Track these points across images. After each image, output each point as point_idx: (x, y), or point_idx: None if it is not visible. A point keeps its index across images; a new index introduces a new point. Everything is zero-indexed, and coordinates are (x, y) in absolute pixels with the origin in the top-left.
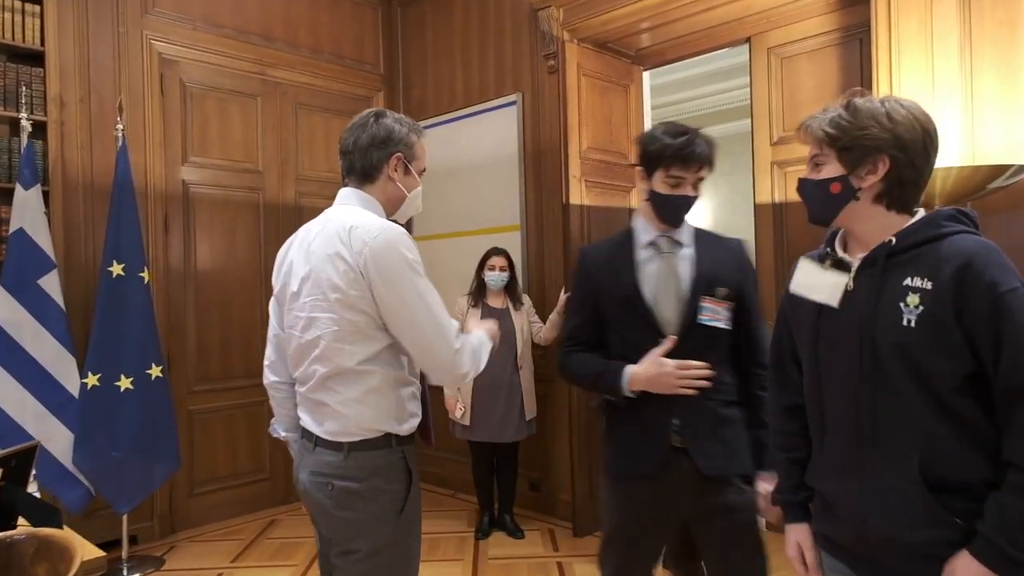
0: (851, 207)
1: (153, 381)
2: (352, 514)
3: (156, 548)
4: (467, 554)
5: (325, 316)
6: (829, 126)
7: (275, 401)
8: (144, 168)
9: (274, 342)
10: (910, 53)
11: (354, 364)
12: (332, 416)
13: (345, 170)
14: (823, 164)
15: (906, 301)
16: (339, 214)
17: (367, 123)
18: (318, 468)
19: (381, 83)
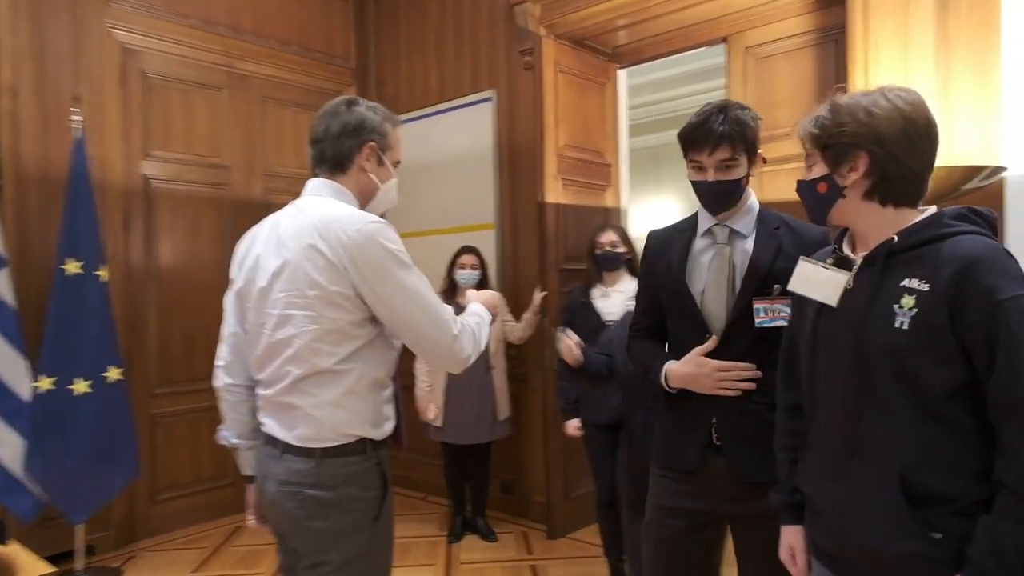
0: (841, 205)
1: (111, 384)
2: (324, 524)
3: (114, 559)
4: (439, 559)
5: (301, 314)
6: (813, 126)
7: (228, 405)
8: (102, 161)
9: (231, 342)
10: (886, 54)
11: (331, 364)
12: (304, 420)
13: (315, 160)
14: (813, 164)
15: (900, 302)
16: (313, 205)
17: (338, 110)
18: (287, 476)
19: (352, 77)
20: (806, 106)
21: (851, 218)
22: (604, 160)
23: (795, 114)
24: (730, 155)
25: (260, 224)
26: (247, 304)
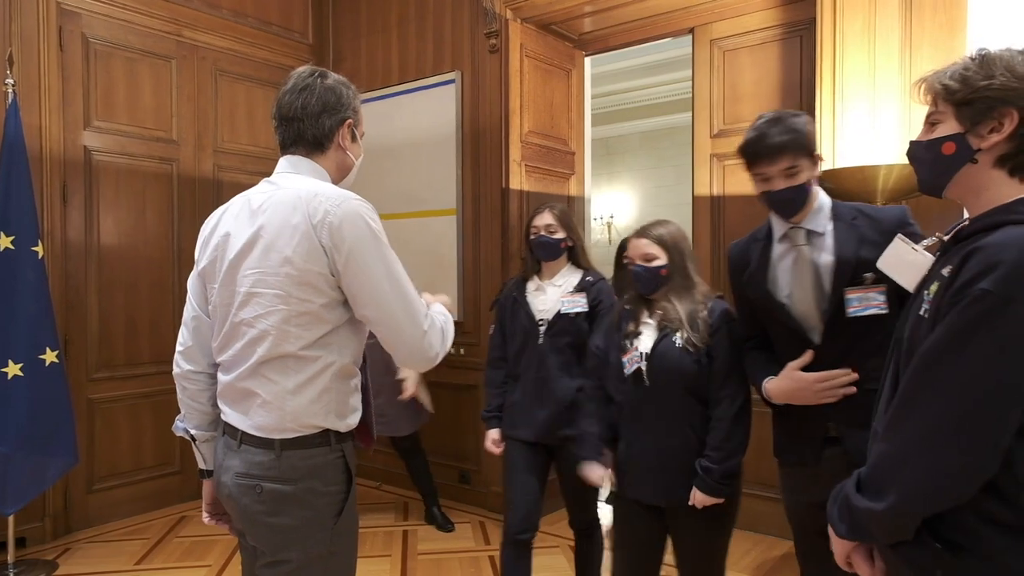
0: (967, 172)
1: (47, 367)
2: (284, 520)
3: (48, 551)
4: (395, 549)
5: (270, 292)
6: (950, 78)
7: (186, 394)
8: (39, 130)
9: (192, 325)
10: (853, 51)
11: (297, 349)
12: (263, 408)
13: (290, 138)
14: (939, 123)
15: (929, 289)
16: (291, 182)
17: (313, 85)
18: (245, 469)
19: (309, 53)
20: (770, 100)
21: (973, 189)
22: (568, 148)
23: (759, 108)
24: (792, 163)
25: (229, 202)
26: (212, 284)
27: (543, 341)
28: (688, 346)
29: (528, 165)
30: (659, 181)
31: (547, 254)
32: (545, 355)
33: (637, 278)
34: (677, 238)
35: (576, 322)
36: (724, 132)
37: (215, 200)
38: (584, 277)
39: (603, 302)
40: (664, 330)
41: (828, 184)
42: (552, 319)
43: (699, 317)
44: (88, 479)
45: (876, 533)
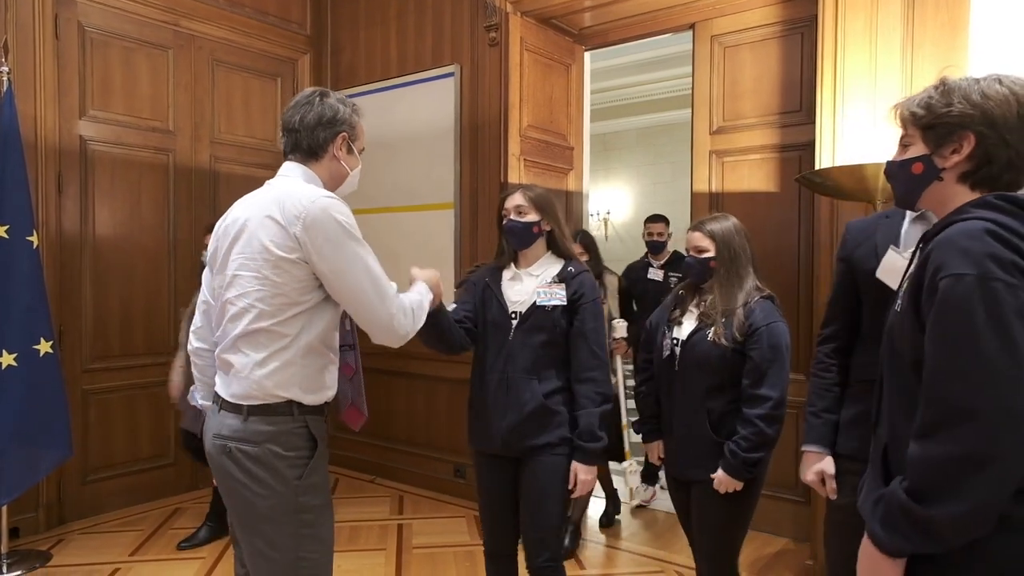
0: (934, 188)
1: (41, 358)
2: (250, 480)
3: (41, 541)
4: (390, 543)
5: (249, 275)
6: (917, 106)
7: (197, 369)
8: (34, 119)
9: (202, 308)
10: (854, 49)
11: (268, 325)
12: (235, 378)
13: (289, 147)
14: (910, 144)
15: (903, 286)
16: (279, 184)
17: (312, 101)
18: (219, 430)
19: (307, 45)
20: (770, 97)
21: (940, 202)
22: (567, 143)
23: (759, 105)
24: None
25: (238, 201)
26: (213, 271)
27: (513, 336)
28: (717, 340)
29: (527, 160)
30: (656, 177)
31: (517, 240)
32: (514, 353)
33: (688, 267)
34: (730, 234)
35: (553, 316)
36: (724, 129)
37: (211, 191)
38: (565, 267)
39: (584, 295)
40: (702, 321)
41: (826, 182)
42: (526, 312)
43: (736, 313)
44: (82, 470)
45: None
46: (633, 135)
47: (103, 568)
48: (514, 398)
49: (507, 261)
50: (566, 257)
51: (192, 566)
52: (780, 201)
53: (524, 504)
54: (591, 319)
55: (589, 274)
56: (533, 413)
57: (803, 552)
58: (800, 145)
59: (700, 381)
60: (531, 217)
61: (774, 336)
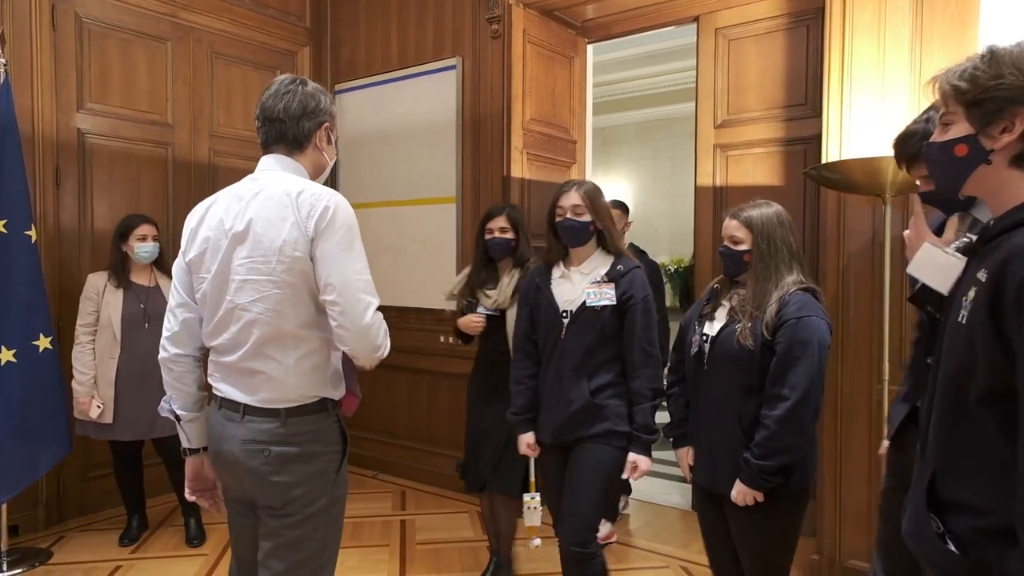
0: (981, 173)
1: (41, 354)
2: (290, 478)
3: (41, 539)
4: (393, 538)
5: (264, 279)
6: (959, 78)
7: (172, 376)
8: (31, 112)
9: (178, 312)
10: (862, 42)
11: (293, 328)
12: (268, 384)
13: (272, 138)
14: (951, 123)
15: (968, 295)
16: (276, 179)
17: (294, 89)
18: (251, 436)
19: (307, 37)
20: (775, 91)
21: (990, 189)
22: (570, 137)
23: (763, 99)
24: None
25: (214, 196)
26: (200, 273)
27: (565, 335)
28: (744, 338)
29: (530, 153)
30: (655, 172)
31: (574, 239)
32: (566, 351)
33: (722, 258)
34: (771, 225)
35: (603, 316)
36: (728, 122)
37: (211, 185)
38: (615, 265)
39: (634, 296)
40: (732, 316)
41: (835, 176)
42: (576, 311)
43: (768, 308)
44: (82, 467)
45: None
46: (632, 129)
47: (104, 566)
48: (564, 395)
49: (556, 259)
50: (616, 254)
51: (195, 563)
52: (785, 195)
53: (565, 489)
54: (641, 317)
55: (640, 271)
56: (580, 411)
57: (809, 547)
58: (805, 139)
59: (729, 382)
60: (587, 217)
61: (804, 330)
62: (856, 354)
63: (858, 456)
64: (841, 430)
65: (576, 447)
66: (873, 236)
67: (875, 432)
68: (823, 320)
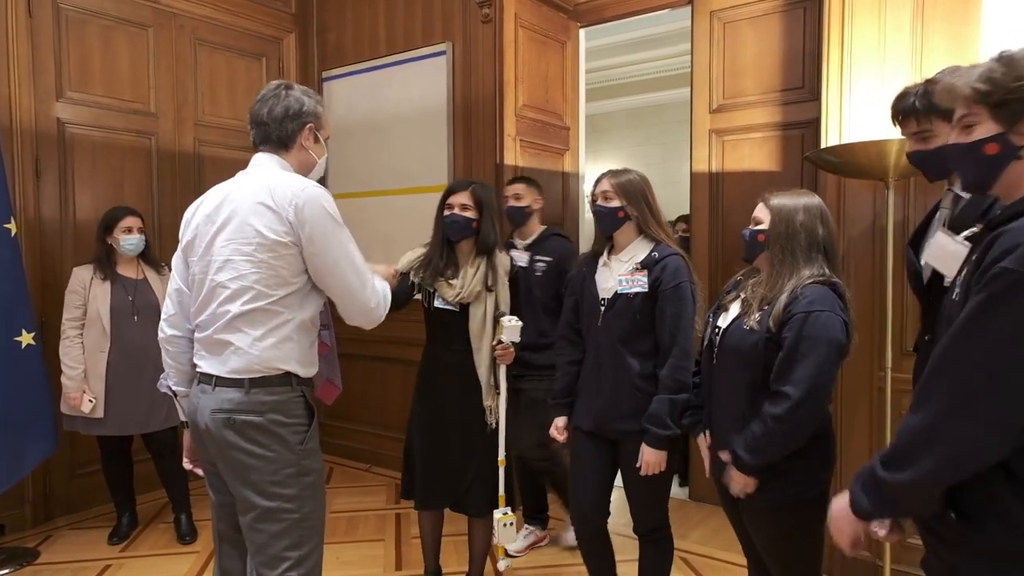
0: (1013, 168)
1: (23, 350)
2: (254, 447)
3: (29, 538)
4: (388, 533)
5: (242, 259)
6: (979, 81)
7: (169, 355)
8: (8, 101)
9: (175, 297)
10: (862, 23)
11: (265, 304)
12: (235, 354)
13: (259, 139)
14: (974, 124)
15: (961, 274)
16: (261, 174)
17: (278, 94)
18: (219, 405)
19: (292, 23)
20: (772, 74)
21: (1014, 183)
22: (563, 123)
23: (760, 82)
24: (916, 126)
25: (209, 192)
26: (191, 257)
27: (601, 323)
28: (752, 327)
29: (523, 140)
30: (646, 159)
31: (604, 225)
32: (601, 339)
33: (742, 242)
34: (792, 210)
35: (634, 304)
36: (724, 107)
37: (196, 176)
38: (651, 253)
39: (664, 281)
40: (742, 307)
41: (837, 160)
42: (611, 299)
43: (779, 299)
44: (70, 464)
45: (903, 504)
46: (623, 116)
47: (93, 565)
48: (603, 382)
49: (601, 247)
50: (656, 241)
51: (187, 560)
52: (783, 181)
53: (625, 482)
54: (671, 304)
55: (676, 258)
56: (617, 398)
57: None
58: (803, 123)
59: (734, 377)
60: (616, 203)
61: (813, 326)
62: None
63: (860, 445)
64: (842, 419)
65: (622, 444)
66: (874, 221)
67: (877, 420)
68: (838, 316)
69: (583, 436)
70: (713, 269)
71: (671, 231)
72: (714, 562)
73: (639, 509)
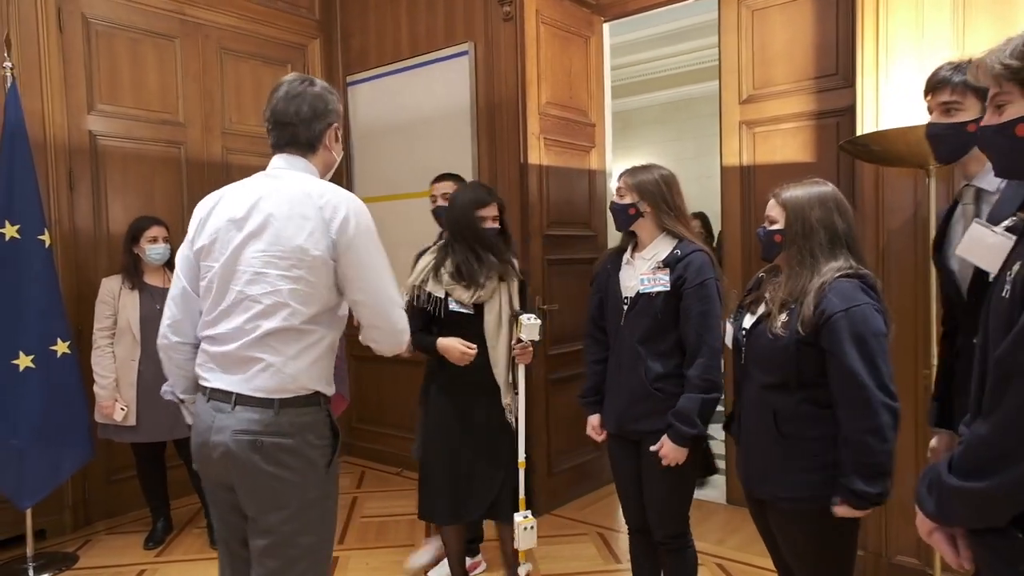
0: None
1: (59, 359)
2: (282, 471)
3: (68, 543)
4: (418, 538)
5: (278, 272)
6: (1011, 57)
7: (173, 363)
8: (42, 116)
9: (180, 300)
10: (899, 5)
11: (299, 323)
12: (265, 372)
13: (284, 140)
14: (1006, 104)
15: (1012, 269)
16: (291, 178)
17: (303, 91)
18: (243, 426)
19: (316, 29)
20: (803, 61)
21: None
22: (588, 120)
23: (791, 70)
24: (951, 98)
25: (225, 188)
26: (207, 262)
27: (624, 322)
28: (777, 332)
29: (547, 138)
30: (679, 154)
31: (616, 222)
32: (624, 338)
33: (759, 241)
34: (806, 204)
35: (656, 303)
36: (754, 97)
37: (225, 183)
38: (673, 250)
39: (687, 279)
40: (765, 307)
41: (874, 148)
42: (633, 297)
43: (805, 300)
44: (107, 470)
45: (965, 516)
46: (654, 111)
47: (129, 569)
48: (624, 382)
49: (625, 244)
50: (679, 239)
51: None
52: (817, 171)
53: (644, 483)
54: (697, 303)
55: (700, 254)
56: (638, 399)
57: None
58: (838, 111)
59: (762, 379)
60: (627, 199)
61: (854, 323)
62: (899, 338)
63: (903, 446)
64: None
65: (645, 445)
66: (915, 211)
67: (922, 421)
68: (871, 306)
69: (612, 440)
70: (745, 266)
71: (695, 228)
72: (752, 569)
73: (657, 512)
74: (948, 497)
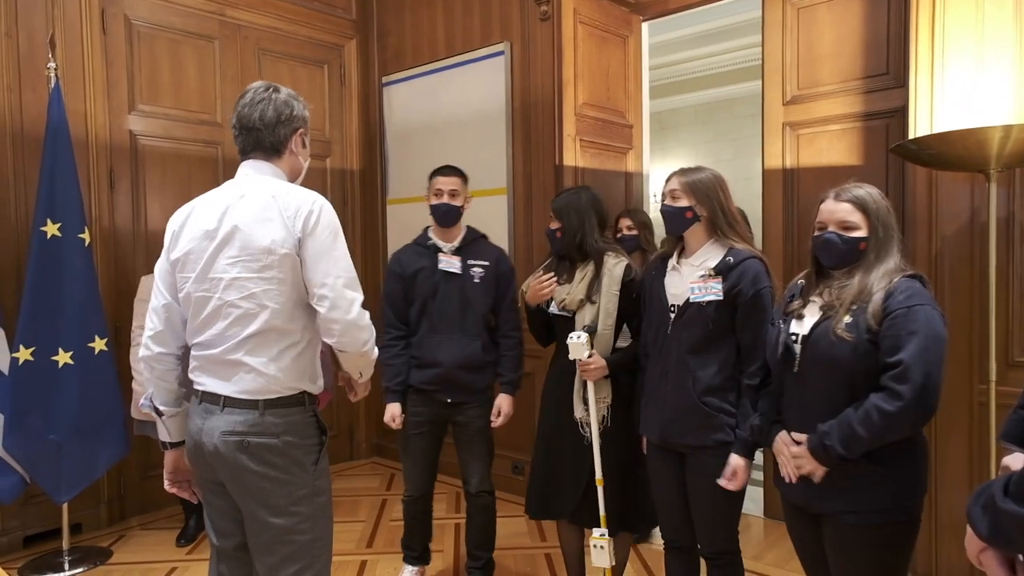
0: None
1: (96, 355)
2: (269, 469)
3: (103, 537)
4: (447, 543)
5: (253, 276)
6: None
7: (155, 374)
8: (84, 115)
9: (162, 312)
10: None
11: (279, 323)
12: (249, 375)
13: (250, 145)
14: None
15: None
16: (257, 183)
17: (268, 97)
18: (230, 427)
19: (353, 30)
20: (851, 61)
21: None
22: (626, 121)
23: (839, 70)
24: None
25: (196, 200)
26: (184, 273)
27: (671, 331)
28: (844, 333)
29: (583, 140)
30: (716, 156)
31: (669, 225)
32: (671, 348)
33: (827, 247)
34: (885, 208)
35: (707, 312)
36: (798, 98)
37: None
38: (724, 257)
39: (742, 290)
40: (827, 312)
41: (929, 151)
42: (682, 306)
43: (874, 297)
44: (142, 466)
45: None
46: (691, 112)
47: (161, 566)
48: (671, 393)
49: (671, 250)
50: (730, 245)
51: None
52: (865, 175)
53: (691, 499)
54: (754, 312)
55: (754, 261)
56: (686, 411)
57: None
58: (888, 112)
59: (827, 385)
60: (683, 202)
61: (916, 320)
62: (954, 350)
63: (956, 463)
64: (936, 435)
65: (691, 458)
66: (972, 217)
67: (977, 438)
68: (936, 310)
69: (653, 450)
70: (787, 272)
71: (748, 233)
72: None
73: (706, 529)
74: (1004, 522)
